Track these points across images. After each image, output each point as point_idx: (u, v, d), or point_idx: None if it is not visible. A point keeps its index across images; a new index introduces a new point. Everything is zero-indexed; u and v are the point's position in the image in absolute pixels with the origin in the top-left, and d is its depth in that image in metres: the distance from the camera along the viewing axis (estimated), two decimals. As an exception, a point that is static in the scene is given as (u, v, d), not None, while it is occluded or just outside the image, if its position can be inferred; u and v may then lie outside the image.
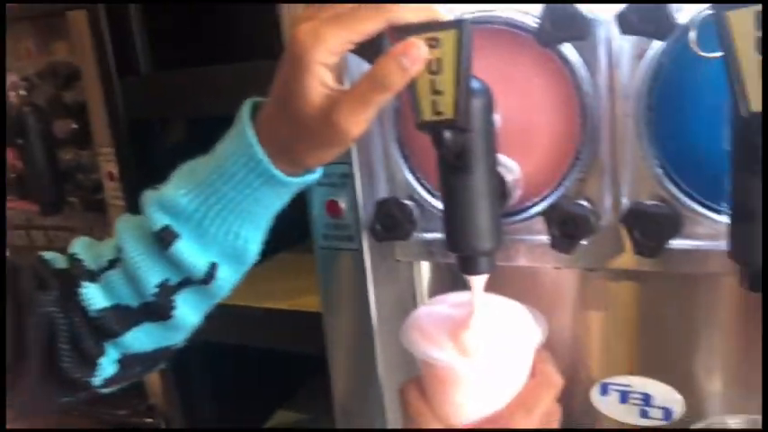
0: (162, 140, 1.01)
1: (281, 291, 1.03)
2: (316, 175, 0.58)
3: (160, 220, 0.55)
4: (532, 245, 0.61)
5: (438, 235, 0.63)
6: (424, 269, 0.74)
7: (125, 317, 0.57)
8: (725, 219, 0.52)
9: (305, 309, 0.91)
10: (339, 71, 0.53)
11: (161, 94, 0.95)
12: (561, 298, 0.69)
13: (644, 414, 0.68)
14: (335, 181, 0.63)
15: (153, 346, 0.60)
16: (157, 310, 0.57)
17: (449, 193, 0.54)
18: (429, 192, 0.63)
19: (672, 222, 0.52)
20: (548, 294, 0.69)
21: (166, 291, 0.57)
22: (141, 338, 0.59)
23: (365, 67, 0.52)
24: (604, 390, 0.69)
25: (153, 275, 0.56)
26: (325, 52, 0.49)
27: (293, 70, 0.50)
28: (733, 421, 0.61)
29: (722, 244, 0.49)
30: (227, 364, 1.12)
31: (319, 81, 0.50)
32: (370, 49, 0.51)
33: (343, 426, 0.73)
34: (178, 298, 0.57)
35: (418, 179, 0.63)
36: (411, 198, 0.64)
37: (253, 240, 0.57)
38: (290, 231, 0.70)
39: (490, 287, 0.58)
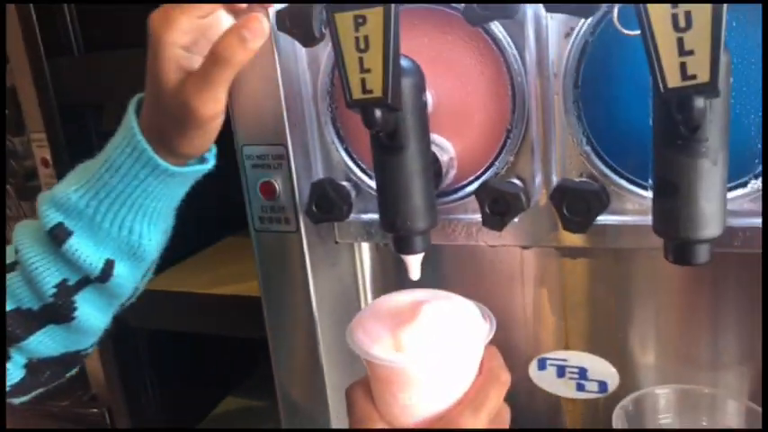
0: (97, 124, 0.99)
1: (226, 276, 1.03)
2: (206, 166, 0.58)
3: (53, 218, 0.55)
4: (469, 223, 0.61)
5: (376, 216, 0.63)
6: (365, 251, 0.74)
7: (27, 320, 0.57)
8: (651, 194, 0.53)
9: (249, 294, 0.90)
10: None
11: (92, 77, 0.93)
12: (498, 275, 0.70)
13: (580, 387, 0.69)
14: (270, 162, 0.62)
15: (60, 350, 0.59)
16: (58, 311, 0.57)
17: (382, 173, 0.54)
18: (365, 172, 0.63)
19: (598, 198, 0.53)
20: (485, 272, 0.70)
21: (66, 291, 0.56)
22: (46, 342, 0.58)
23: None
24: (542, 365, 0.70)
25: (50, 276, 0.56)
26: (177, 32, 0.50)
27: (152, 56, 0.51)
28: (661, 391, 0.63)
29: (651, 219, 0.50)
30: (171, 351, 1.11)
31: (175, 63, 0.51)
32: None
33: (288, 413, 0.72)
34: (78, 298, 0.57)
35: (354, 160, 0.63)
36: (347, 179, 0.63)
37: (147, 236, 0.57)
38: (236, 214, 0.69)
39: (426, 265, 0.58)
